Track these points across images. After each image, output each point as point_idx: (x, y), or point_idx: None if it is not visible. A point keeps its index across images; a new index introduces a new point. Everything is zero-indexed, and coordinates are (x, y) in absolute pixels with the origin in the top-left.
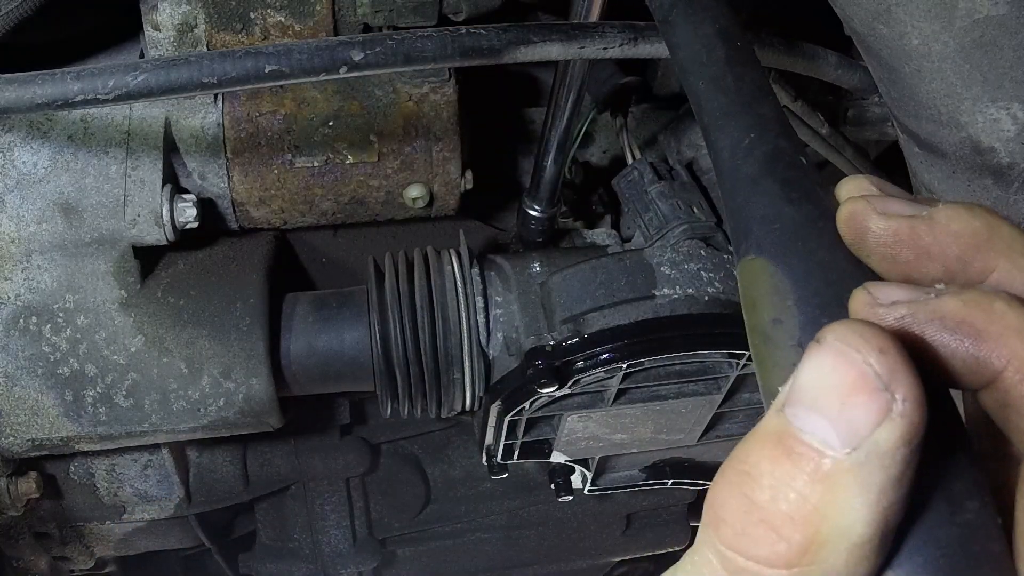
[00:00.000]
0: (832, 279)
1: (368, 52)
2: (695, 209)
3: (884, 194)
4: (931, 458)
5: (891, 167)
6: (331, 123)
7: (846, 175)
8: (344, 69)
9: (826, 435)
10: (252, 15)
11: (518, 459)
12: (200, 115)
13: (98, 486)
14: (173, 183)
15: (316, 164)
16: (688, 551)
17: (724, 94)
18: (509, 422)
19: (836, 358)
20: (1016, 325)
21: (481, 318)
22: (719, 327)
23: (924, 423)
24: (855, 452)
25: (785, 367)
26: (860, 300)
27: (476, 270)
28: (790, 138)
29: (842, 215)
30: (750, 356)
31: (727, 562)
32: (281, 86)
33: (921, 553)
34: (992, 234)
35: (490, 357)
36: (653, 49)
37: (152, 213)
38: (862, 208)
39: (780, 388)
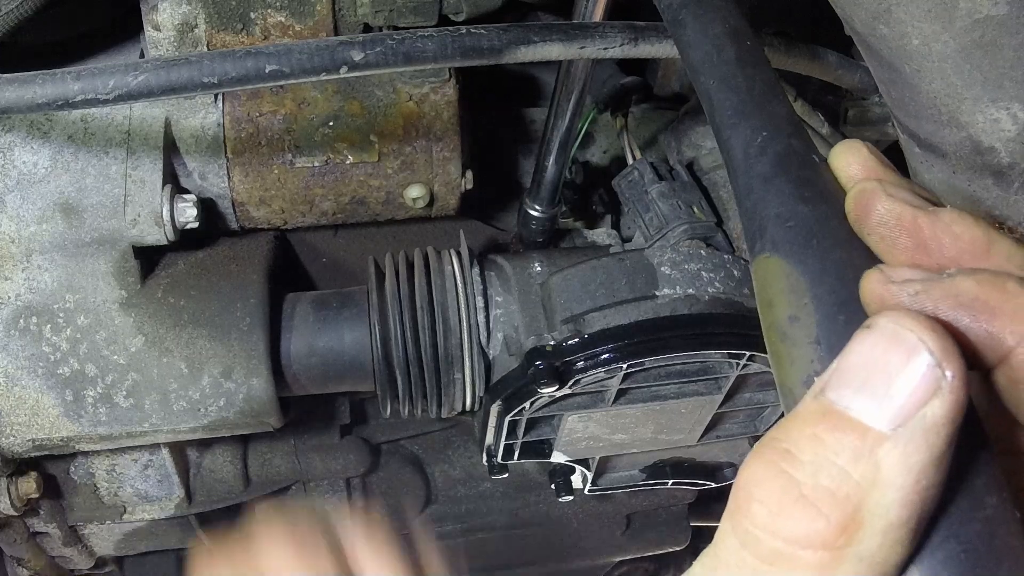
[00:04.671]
0: (848, 276)
1: (368, 52)
2: (695, 209)
3: (891, 174)
4: (953, 453)
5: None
6: (331, 123)
7: None
8: (344, 69)
9: (873, 412)
10: (252, 15)
11: (518, 459)
12: (200, 115)
13: (98, 486)
14: (173, 183)
15: (316, 164)
16: (708, 547)
17: (735, 93)
18: (509, 422)
19: (889, 338)
20: None
21: (481, 318)
22: (719, 327)
23: (967, 401)
24: (902, 428)
25: (803, 364)
26: (873, 277)
27: (476, 270)
28: (802, 137)
29: (853, 192)
30: (751, 356)
31: (757, 546)
32: (281, 86)
33: (943, 548)
34: (992, 245)
35: (490, 357)
36: (654, 49)
37: (152, 213)
38: (872, 188)
39: (816, 377)
